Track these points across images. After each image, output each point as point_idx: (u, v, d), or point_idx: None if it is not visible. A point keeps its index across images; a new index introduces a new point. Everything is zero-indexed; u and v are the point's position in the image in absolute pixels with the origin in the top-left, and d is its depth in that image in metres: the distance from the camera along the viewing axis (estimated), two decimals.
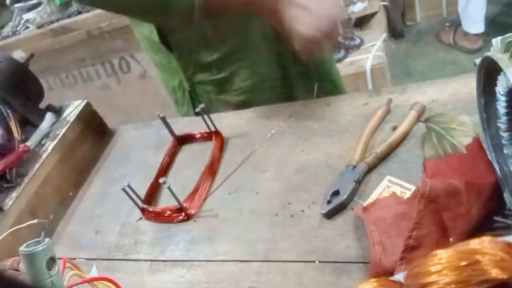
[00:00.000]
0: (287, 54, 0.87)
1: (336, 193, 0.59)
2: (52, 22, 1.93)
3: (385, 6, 2.35)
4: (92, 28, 1.88)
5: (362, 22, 2.27)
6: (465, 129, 0.56)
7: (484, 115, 0.52)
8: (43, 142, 0.86)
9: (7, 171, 0.77)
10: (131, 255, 0.67)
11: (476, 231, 0.47)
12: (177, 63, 0.89)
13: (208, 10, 0.70)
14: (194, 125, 0.83)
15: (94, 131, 0.93)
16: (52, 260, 0.44)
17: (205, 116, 0.76)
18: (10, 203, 0.74)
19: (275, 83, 0.91)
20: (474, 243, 0.22)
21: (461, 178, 0.49)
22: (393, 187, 0.57)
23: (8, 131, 0.81)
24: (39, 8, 2.04)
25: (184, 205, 0.67)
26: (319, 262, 0.54)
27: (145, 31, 0.89)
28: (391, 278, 0.25)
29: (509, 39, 0.41)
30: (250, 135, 0.77)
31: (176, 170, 0.79)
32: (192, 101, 0.95)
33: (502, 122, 0.49)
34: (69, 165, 0.86)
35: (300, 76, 0.91)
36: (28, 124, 0.88)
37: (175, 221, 0.68)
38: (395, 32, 2.48)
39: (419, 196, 0.48)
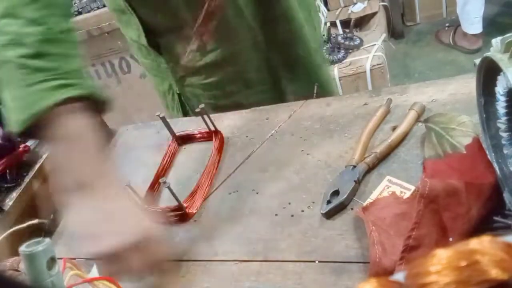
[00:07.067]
0: (275, 60, 0.88)
1: (336, 193, 0.59)
2: None
3: (384, 6, 2.36)
4: (92, 28, 1.88)
5: (361, 22, 2.27)
6: (465, 129, 0.56)
7: (484, 115, 0.52)
8: None
9: (7, 171, 0.77)
10: None
11: (476, 231, 0.47)
12: (166, 66, 0.88)
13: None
14: (194, 125, 0.83)
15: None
16: (52, 260, 0.44)
17: (205, 116, 0.76)
18: (10, 203, 0.74)
19: (265, 87, 0.91)
20: (474, 243, 0.22)
21: (460, 178, 0.49)
22: (392, 187, 0.57)
23: (8, 131, 0.80)
24: None
25: (184, 205, 0.67)
26: (319, 262, 0.54)
27: (133, 35, 0.88)
28: (390, 278, 0.25)
29: (508, 39, 0.41)
30: (250, 135, 0.77)
31: (176, 170, 0.79)
32: (181, 105, 0.94)
33: (501, 122, 0.49)
34: None
35: (289, 80, 0.91)
36: None
37: (175, 221, 0.68)
38: (394, 33, 2.48)
39: (418, 196, 0.48)
